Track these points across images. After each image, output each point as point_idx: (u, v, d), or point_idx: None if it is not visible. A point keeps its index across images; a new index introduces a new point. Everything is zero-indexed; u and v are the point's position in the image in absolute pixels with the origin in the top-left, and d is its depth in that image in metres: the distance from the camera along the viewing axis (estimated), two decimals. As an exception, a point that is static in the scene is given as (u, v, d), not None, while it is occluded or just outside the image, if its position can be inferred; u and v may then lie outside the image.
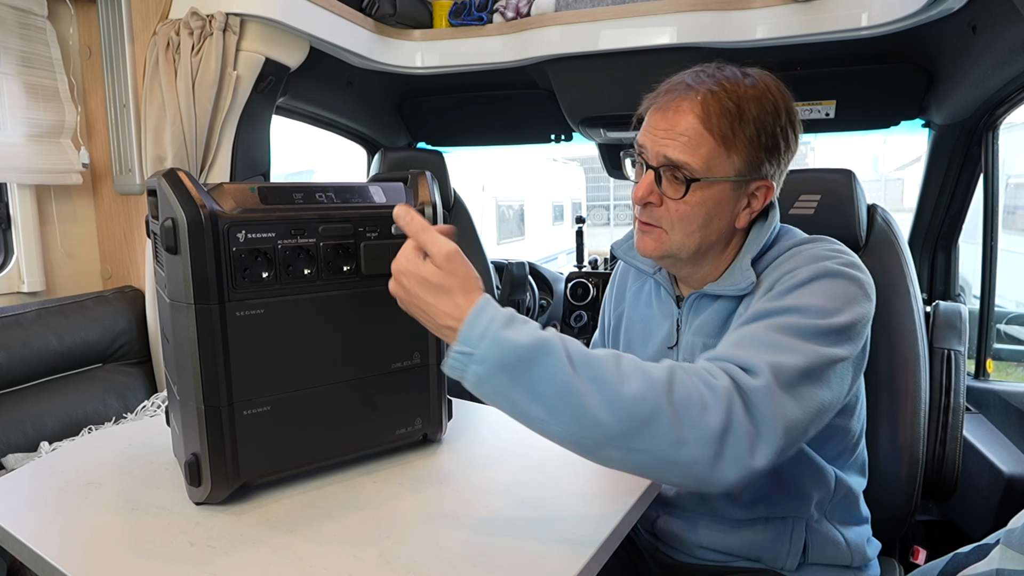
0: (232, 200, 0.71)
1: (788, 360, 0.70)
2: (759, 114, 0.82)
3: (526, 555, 0.65)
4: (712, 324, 0.90)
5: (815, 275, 0.78)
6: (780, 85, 0.86)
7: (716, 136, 0.81)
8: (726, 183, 0.83)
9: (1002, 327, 2.45)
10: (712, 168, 0.82)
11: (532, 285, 2.36)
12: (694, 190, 0.82)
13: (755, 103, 0.82)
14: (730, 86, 0.82)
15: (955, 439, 1.19)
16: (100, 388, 1.44)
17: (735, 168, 0.83)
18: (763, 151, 0.83)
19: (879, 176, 14.97)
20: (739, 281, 0.86)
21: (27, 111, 1.47)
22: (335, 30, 1.63)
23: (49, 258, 1.58)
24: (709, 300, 0.91)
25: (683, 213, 0.84)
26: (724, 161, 0.82)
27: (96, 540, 0.69)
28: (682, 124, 0.82)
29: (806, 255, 0.83)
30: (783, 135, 0.84)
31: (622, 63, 1.71)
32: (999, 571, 0.76)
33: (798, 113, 0.87)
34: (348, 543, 0.68)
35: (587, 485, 0.82)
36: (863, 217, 1.30)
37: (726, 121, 0.81)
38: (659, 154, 0.83)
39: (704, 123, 0.81)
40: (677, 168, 0.82)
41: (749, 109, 0.81)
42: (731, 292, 0.86)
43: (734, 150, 0.82)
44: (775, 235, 0.91)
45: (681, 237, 0.86)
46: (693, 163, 0.81)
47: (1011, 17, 1.23)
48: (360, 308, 0.80)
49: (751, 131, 0.81)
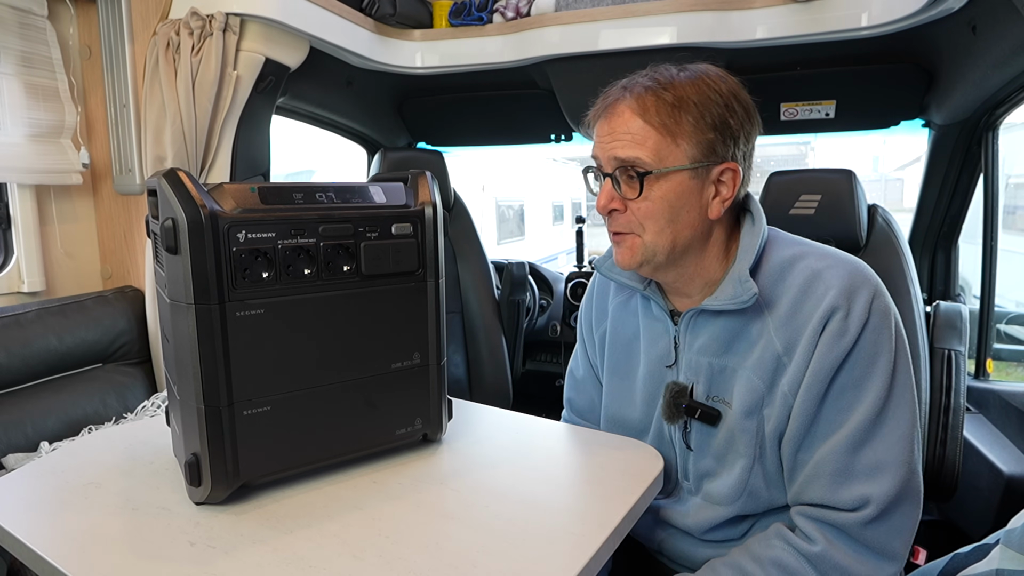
0: (232, 200, 0.71)
1: (885, 487, 0.78)
2: (699, 99, 0.81)
3: (526, 555, 0.65)
4: (717, 343, 0.87)
5: (860, 329, 0.80)
6: (723, 72, 0.85)
7: (658, 128, 0.81)
8: (683, 172, 0.82)
9: (1002, 327, 2.45)
10: (663, 159, 0.81)
11: (532, 285, 2.36)
12: (649, 184, 0.82)
13: (692, 88, 0.81)
14: (664, 80, 0.83)
15: (955, 439, 1.19)
16: (100, 388, 1.44)
17: (688, 156, 0.81)
18: (713, 132, 0.81)
19: (879, 176, 14.96)
20: (739, 294, 0.82)
21: (27, 111, 1.47)
22: (335, 30, 1.63)
23: (49, 258, 1.58)
24: (709, 316, 0.88)
25: (647, 211, 0.83)
26: (674, 151, 0.81)
27: (96, 540, 0.69)
28: (623, 124, 0.82)
29: (830, 279, 0.82)
30: (731, 113, 0.82)
31: (622, 63, 1.70)
32: (999, 571, 0.76)
33: (747, 96, 0.85)
34: (348, 543, 0.68)
35: (587, 485, 0.82)
36: (863, 217, 1.30)
37: (665, 110, 0.80)
38: (609, 158, 0.84)
39: (643, 118, 0.81)
40: (630, 166, 0.82)
41: (687, 95, 0.81)
42: (732, 306, 0.83)
43: (681, 138, 0.81)
44: (765, 240, 0.88)
45: (652, 236, 0.84)
46: (643, 157, 0.81)
47: (1011, 17, 1.23)
48: (360, 308, 0.80)
49: (694, 115, 0.80)
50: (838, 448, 0.79)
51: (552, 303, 2.43)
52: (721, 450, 0.88)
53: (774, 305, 0.84)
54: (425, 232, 0.83)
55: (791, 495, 0.84)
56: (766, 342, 0.83)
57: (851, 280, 0.81)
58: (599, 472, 0.85)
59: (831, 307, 0.80)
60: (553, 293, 2.45)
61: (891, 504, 0.77)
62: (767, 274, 0.86)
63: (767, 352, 0.83)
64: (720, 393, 0.88)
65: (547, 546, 0.67)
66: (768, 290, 0.85)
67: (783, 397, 0.82)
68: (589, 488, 0.80)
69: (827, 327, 0.79)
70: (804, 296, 0.82)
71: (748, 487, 0.86)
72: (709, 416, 0.87)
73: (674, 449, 0.93)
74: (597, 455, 0.90)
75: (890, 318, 0.82)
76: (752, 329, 0.85)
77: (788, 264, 0.85)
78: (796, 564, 0.78)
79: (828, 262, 0.84)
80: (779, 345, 0.83)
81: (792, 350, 0.82)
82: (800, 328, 0.81)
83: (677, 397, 0.90)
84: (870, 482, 0.78)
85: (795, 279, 0.84)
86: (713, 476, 0.90)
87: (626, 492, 0.78)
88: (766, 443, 0.84)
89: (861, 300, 0.80)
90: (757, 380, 0.84)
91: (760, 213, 0.89)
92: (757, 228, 0.87)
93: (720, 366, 0.87)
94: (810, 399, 0.80)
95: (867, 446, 0.79)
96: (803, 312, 0.82)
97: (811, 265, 0.84)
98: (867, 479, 0.78)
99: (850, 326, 0.79)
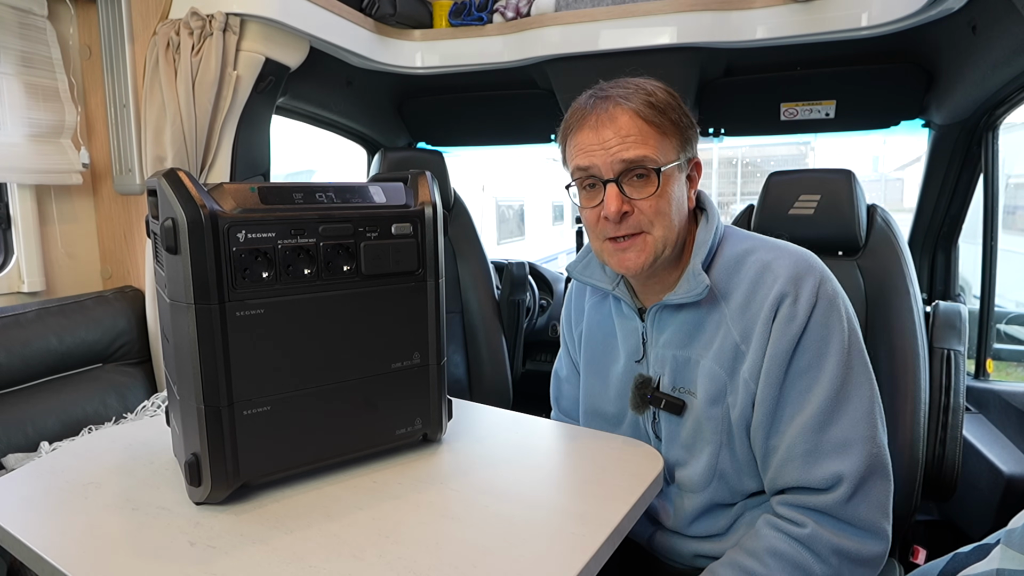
0: (232, 200, 0.71)
1: (850, 465, 0.81)
2: (668, 100, 0.87)
3: (526, 555, 0.65)
4: (680, 336, 0.92)
5: (808, 313, 0.84)
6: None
7: (653, 126, 0.85)
8: (676, 167, 0.88)
9: (1002, 327, 2.45)
10: (665, 155, 0.86)
11: (532, 285, 2.36)
12: (663, 179, 0.86)
13: (661, 92, 0.88)
14: (634, 88, 0.87)
15: (955, 439, 1.19)
16: (100, 388, 1.44)
17: (676, 151, 0.87)
18: (685, 129, 0.88)
19: (879, 176, 14.95)
20: (694, 287, 0.87)
21: (27, 111, 1.47)
22: (335, 30, 1.63)
23: (49, 258, 1.58)
24: (671, 311, 0.92)
25: (657, 207, 0.86)
26: (668, 147, 0.87)
27: (96, 540, 0.69)
28: (623, 128, 0.85)
29: (778, 269, 0.86)
30: (683, 114, 0.89)
31: (622, 63, 1.70)
32: (999, 571, 0.76)
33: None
34: (348, 543, 0.68)
35: (587, 485, 0.82)
36: (863, 217, 1.30)
37: (652, 112, 0.85)
38: (614, 163, 0.85)
39: (642, 117, 0.85)
40: (640, 166, 0.85)
41: (658, 97, 0.87)
42: (689, 299, 0.88)
43: (669, 134, 0.86)
44: (720, 237, 0.93)
45: (663, 231, 0.87)
46: (651, 154, 0.85)
47: (1011, 17, 1.23)
48: (360, 308, 0.80)
49: (671, 116, 0.86)
50: (805, 429, 0.82)
51: (552, 303, 2.43)
52: (689, 439, 0.92)
53: (729, 296, 0.89)
54: (425, 232, 0.83)
55: (768, 483, 0.87)
56: (724, 332, 0.88)
57: (797, 268, 0.86)
58: (599, 472, 0.85)
59: (780, 294, 0.85)
60: (553, 293, 2.45)
61: (863, 479, 0.81)
62: (721, 268, 0.91)
63: (726, 342, 0.88)
64: (685, 384, 0.92)
65: (547, 546, 0.67)
66: (723, 283, 0.90)
67: (744, 384, 0.86)
68: (589, 488, 0.81)
69: (778, 313, 0.84)
70: (756, 286, 0.87)
71: (717, 472, 0.90)
72: (674, 406, 0.92)
73: (649, 442, 0.97)
74: (597, 455, 0.90)
75: (838, 301, 0.86)
76: (710, 321, 0.90)
77: (741, 258, 0.90)
78: (790, 549, 0.81)
79: (777, 253, 0.89)
80: (736, 334, 0.87)
81: (749, 338, 0.86)
82: (754, 317, 0.86)
83: (642, 388, 0.95)
84: (840, 459, 0.81)
85: (747, 271, 0.89)
86: (684, 464, 0.94)
87: (626, 492, 0.78)
88: (733, 430, 0.88)
89: (808, 286, 0.85)
90: (719, 369, 0.88)
91: (714, 210, 0.94)
92: (711, 225, 0.92)
93: (684, 358, 0.92)
94: (770, 385, 0.84)
95: (832, 425, 0.82)
96: (755, 301, 0.86)
97: (761, 257, 0.89)
98: (837, 456, 0.81)
99: (799, 311, 0.83)
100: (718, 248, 0.92)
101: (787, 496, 0.85)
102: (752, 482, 0.90)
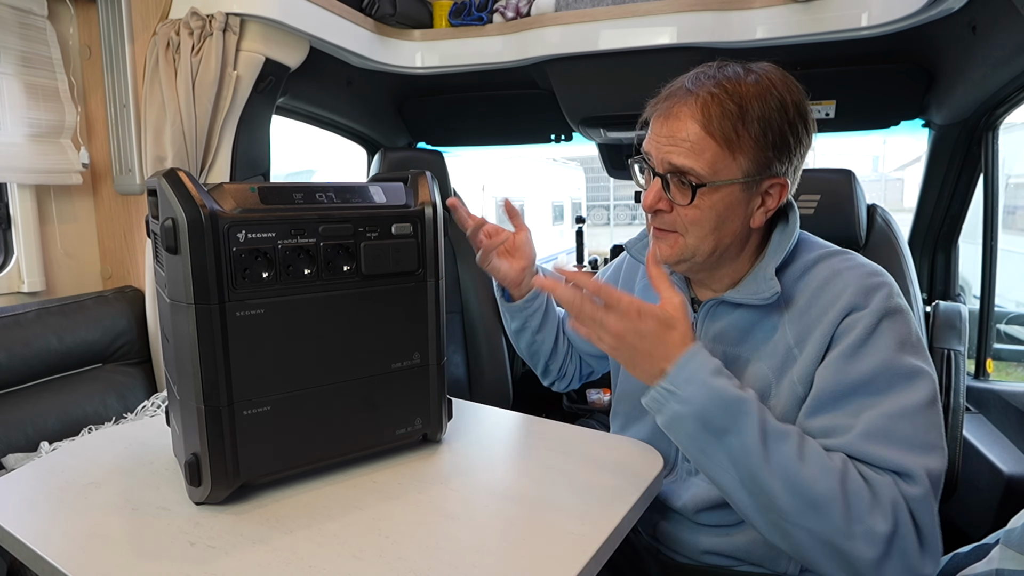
0: (232, 200, 0.71)
1: (935, 464, 0.73)
2: (763, 112, 0.79)
3: (526, 555, 0.65)
4: (733, 333, 0.89)
5: (875, 324, 0.78)
6: (788, 78, 0.84)
7: (719, 140, 0.79)
8: (735, 185, 0.81)
9: (1002, 327, 2.45)
10: (718, 172, 0.80)
11: (532, 285, 2.35)
12: (701, 195, 0.81)
13: (758, 101, 0.79)
14: (731, 86, 0.80)
15: (955, 439, 1.19)
16: (100, 388, 1.44)
17: (742, 170, 0.81)
18: (771, 150, 0.80)
19: (879, 176, 14.96)
20: (763, 291, 0.83)
21: (27, 111, 1.47)
22: (335, 30, 1.63)
23: (49, 258, 1.58)
24: (728, 308, 0.89)
25: (694, 217, 0.83)
26: (730, 164, 0.80)
27: (96, 540, 0.69)
28: (683, 131, 0.80)
29: (849, 278, 0.82)
30: (792, 131, 0.81)
31: (622, 63, 1.71)
32: (999, 571, 0.77)
33: (809, 106, 0.84)
34: (348, 543, 0.68)
35: (587, 485, 0.82)
36: (863, 217, 1.30)
37: (728, 123, 0.79)
38: (664, 161, 0.83)
39: (705, 128, 0.79)
40: (683, 174, 0.81)
41: (752, 108, 0.79)
42: (753, 301, 0.84)
43: (739, 152, 0.80)
44: (795, 243, 0.89)
45: (696, 240, 0.85)
46: (698, 168, 0.80)
47: (1011, 17, 1.23)
48: (360, 308, 0.80)
49: (756, 131, 0.79)
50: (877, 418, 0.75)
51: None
52: None
53: (792, 301, 0.85)
54: (425, 232, 0.83)
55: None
56: (780, 335, 0.85)
57: (869, 280, 0.81)
58: (599, 472, 0.85)
59: (850, 305, 0.79)
60: (553, 293, 2.45)
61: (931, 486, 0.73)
62: (791, 274, 0.87)
63: (779, 345, 0.84)
64: None
65: (547, 546, 0.67)
66: (789, 288, 0.86)
67: (791, 386, 0.82)
68: (589, 488, 0.81)
69: (843, 322, 0.79)
70: (821, 292, 0.83)
71: None
72: None
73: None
74: (597, 455, 0.90)
75: (908, 315, 0.81)
76: (768, 323, 0.86)
77: (811, 264, 0.86)
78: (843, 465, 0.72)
79: (850, 263, 0.85)
80: (791, 337, 0.83)
81: (804, 342, 0.82)
82: (814, 321, 0.82)
83: None
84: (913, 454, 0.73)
85: (815, 277, 0.85)
86: None
87: (626, 492, 0.78)
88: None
89: (878, 296, 0.80)
90: (767, 371, 0.85)
91: (796, 217, 0.90)
92: (790, 230, 0.88)
93: (733, 355, 0.89)
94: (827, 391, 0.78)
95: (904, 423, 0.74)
96: (818, 306, 0.82)
97: (833, 265, 0.85)
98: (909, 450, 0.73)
99: (866, 321, 0.78)
100: (792, 255, 0.88)
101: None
102: None
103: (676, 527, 0.95)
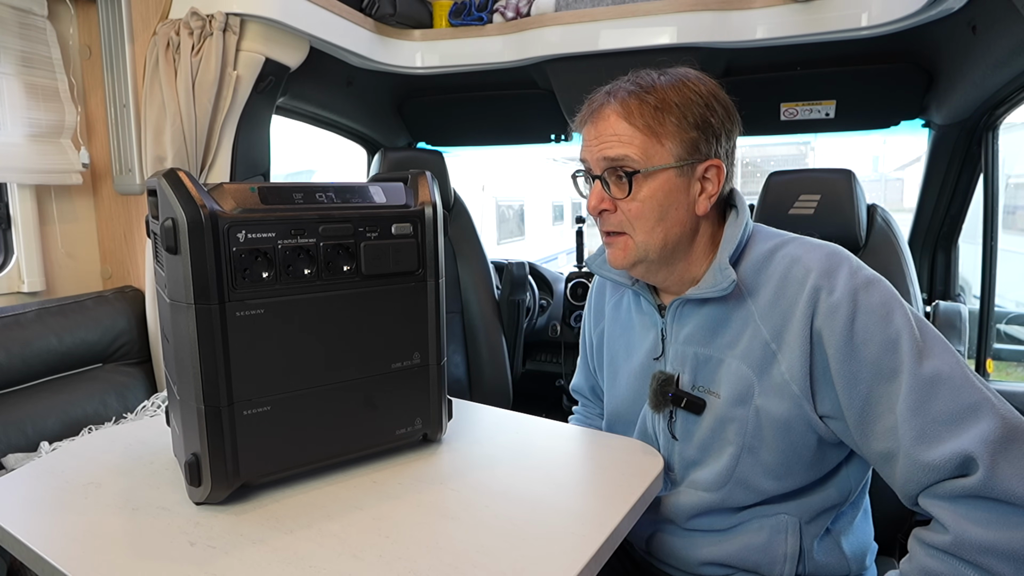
0: (232, 200, 0.71)
1: (986, 424, 0.71)
2: (680, 100, 0.84)
3: (526, 555, 0.65)
4: (701, 333, 0.90)
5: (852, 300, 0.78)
6: (703, 76, 0.88)
7: (642, 129, 0.83)
8: (669, 171, 0.85)
9: (1002, 327, 2.45)
10: (650, 158, 0.84)
11: (532, 285, 2.35)
12: (637, 183, 0.84)
13: (673, 91, 0.84)
14: (646, 84, 0.85)
15: None
16: (100, 388, 1.44)
17: (673, 154, 0.84)
18: (695, 131, 0.84)
19: (879, 176, 14.96)
20: (719, 281, 0.85)
21: (27, 111, 1.48)
22: (335, 30, 1.63)
23: (49, 258, 1.58)
24: (694, 306, 0.90)
25: (636, 210, 0.86)
26: (660, 150, 0.84)
27: (96, 540, 0.69)
28: (609, 128, 0.85)
29: (808, 262, 0.83)
30: (712, 112, 0.85)
31: (622, 63, 1.70)
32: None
33: (726, 96, 0.88)
34: (348, 543, 0.68)
35: (587, 485, 0.82)
36: (863, 217, 1.30)
37: (648, 113, 0.83)
38: (598, 160, 0.86)
39: (628, 120, 0.84)
40: (619, 167, 0.85)
41: (669, 97, 0.84)
42: (714, 294, 0.85)
43: (665, 137, 0.84)
44: (748, 234, 0.91)
45: (644, 236, 0.87)
46: (630, 154, 0.84)
47: (1011, 17, 1.23)
48: (360, 308, 0.80)
49: (676, 116, 0.84)
50: (904, 417, 0.74)
51: (552, 303, 2.43)
52: (706, 439, 0.89)
53: (757, 293, 0.86)
54: (425, 232, 0.83)
55: (907, 492, 0.77)
56: (752, 331, 0.85)
57: (829, 262, 0.82)
58: (599, 472, 0.85)
59: (814, 289, 0.81)
60: (553, 293, 2.45)
61: (998, 446, 0.70)
62: (749, 264, 0.88)
63: (755, 341, 0.85)
64: (705, 383, 0.90)
65: (547, 546, 0.67)
66: (750, 279, 0.87)
67: (783, 384, 0.82)
68: (589, 488, 0.80)
69: (817, 310, 0.80)
70: (785, 281, 0.84)
71: (735, 475, 0.87)
72: (694, 405, 0.89)
73: (658, 440, 0.95)
74: (597, 455, 0.90)
75: (879, 283, 0.81)
76: (736, 318, 0.87)
77: (769, 254, 0.88)
78: (939, 565, 0.72)
79: (806, 248, 0.86)
80: (766, 332, 0.84)
81: (781, 337, 0.83)
82: (786, 314, 0.83)
83: (664, 386, 0.92)
84: (957, 435, 0.71)
85: (776, 267, 0.86)
86: (699, 464, 0.91)
87: (626, 492, 0.78)
88: (764, 432, 0.84)
89: (841, 275, 0.81)
90: (746, 369, 0.85)
91: (744, 207, 0.92)
92: (740, 220, 0.90)
93: (705, 356, 0.89)
94: (851, 384, 0.78)
95: (932, 401, 0.73)
96: (786, 297, 0.83)
97: (790, 252, 0.86)
98: (951, 433, 0.72)
99: (840, 301, 0.79)
100: (747, 245, 0.90)
101: (929, 491, 0.74)
102: (771, 484, 0.86)
103: (670, 537, 0.95)
